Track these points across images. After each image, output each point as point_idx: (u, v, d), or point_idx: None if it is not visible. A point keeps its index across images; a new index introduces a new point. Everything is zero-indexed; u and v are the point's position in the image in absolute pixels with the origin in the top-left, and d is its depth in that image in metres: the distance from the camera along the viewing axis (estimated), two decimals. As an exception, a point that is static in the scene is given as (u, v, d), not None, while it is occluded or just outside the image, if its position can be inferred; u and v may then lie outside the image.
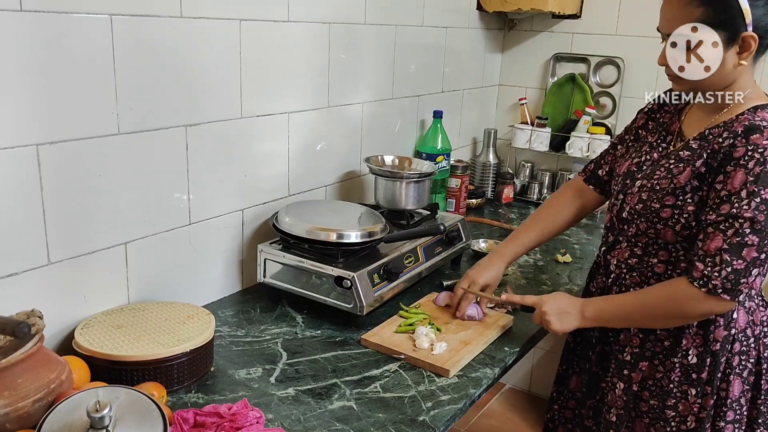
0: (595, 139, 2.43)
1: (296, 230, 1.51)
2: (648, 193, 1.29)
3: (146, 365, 1.16)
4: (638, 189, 1.31)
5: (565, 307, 1.35)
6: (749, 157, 1.15)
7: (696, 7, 1.17)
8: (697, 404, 1.29)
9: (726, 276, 1.16)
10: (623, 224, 1.35)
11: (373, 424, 1.14)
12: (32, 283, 1.19)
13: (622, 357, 1.37)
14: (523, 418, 2.76)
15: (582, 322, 1.34)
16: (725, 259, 1.16)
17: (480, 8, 2.44)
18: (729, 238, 1.16)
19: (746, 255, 1.15)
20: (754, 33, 1.16)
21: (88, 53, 1.19)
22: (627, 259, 1.35)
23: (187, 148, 1.43)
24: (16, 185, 1.13)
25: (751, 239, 1.15)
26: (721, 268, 1.16)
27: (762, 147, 1.15)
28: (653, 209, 1.27)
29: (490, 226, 2.26)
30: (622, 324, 1.36)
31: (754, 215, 1.14)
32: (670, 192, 1.25)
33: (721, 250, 1.16)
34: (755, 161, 1.15)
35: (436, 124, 2.21)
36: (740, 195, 1.15)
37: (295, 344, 1.40)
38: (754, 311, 1.30)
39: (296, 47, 1.66)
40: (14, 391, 0.96)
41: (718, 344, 1.27)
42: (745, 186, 1.15)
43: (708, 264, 1.18)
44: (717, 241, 1.17)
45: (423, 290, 1.66)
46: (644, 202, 1.29)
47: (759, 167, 1.14)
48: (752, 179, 1.14)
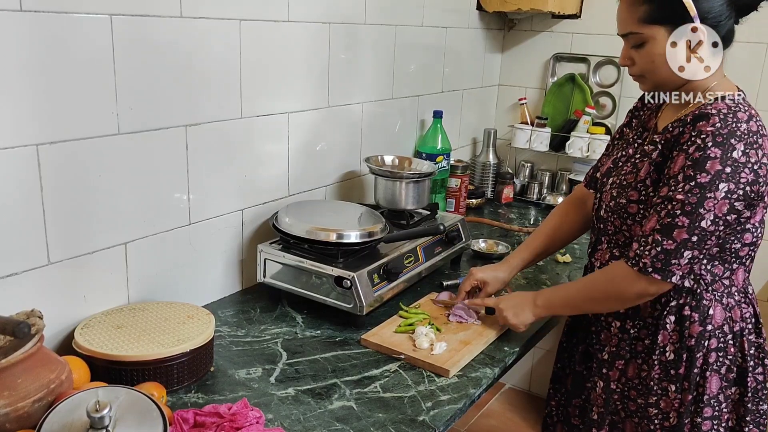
0: (595, 139, 2.44)
1: (296, 230, 1.51)
2: (617, 189, 1.31)
3: (146, 365, 1.16)
4: (610, 186, 1.34)
5: (520, 302, 1.41)
6: (691, 142, 1.17)
7: (640, 5, 1.19)
8: (677, 400, 1.29)
9: (656, 255, 1.18)
10: (601, 223, 1.37)
11: (373, 424, 1.14)
12: (32, 283, 1.19)
13: (601, 356, 1.39)
14: (522, 417, 2.76)
15: (535, 311, 1.39)
16: (656, 239, 1.18)
17: (480, 8, 2.45)
18: (661, 219, 1.18)
19: (676, 236, 1.17)
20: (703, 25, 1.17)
21: (88, 53, 1.19)
22: (608, 260, 1.36)
23: (187, 148, 1.43)
24: (16, 185, 1.13)
25: (681, 221, 1.16)
26: (652, 247, 1.18)
27: (705, 133, 1.16)
28: (621, 205, 1.29)
29: (490, 226, 2.26)
30: (568, 310, 1.44)
31: (686, 197, 1.15)
32: (633, 187, 1.27)
33: (654, 231, 1.19)
34: (696, 146, 1.16)
35: (436, 124, 2.21)
36: (677, 178, 1.17)
37: (295, 344, 1.40)
38: (732, 308, 1.29)
39: (296, 47, 1.66)
40: (14, 391, 0.96)
41: (693, 340, 1.27)
42: (683, 170, 1.17)
43: (642, 243, 1.20)
44: (651, 223, 1.20)
45: (423, 290, 1.67)
46: (615, 198, 1.31)
47: (698, 152, 1.15)
48: (690, 164, 1.16)
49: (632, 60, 1.27)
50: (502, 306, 1.42)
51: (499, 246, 2.00)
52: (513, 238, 2.14)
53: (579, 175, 2.53)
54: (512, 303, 1.42)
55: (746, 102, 1.23)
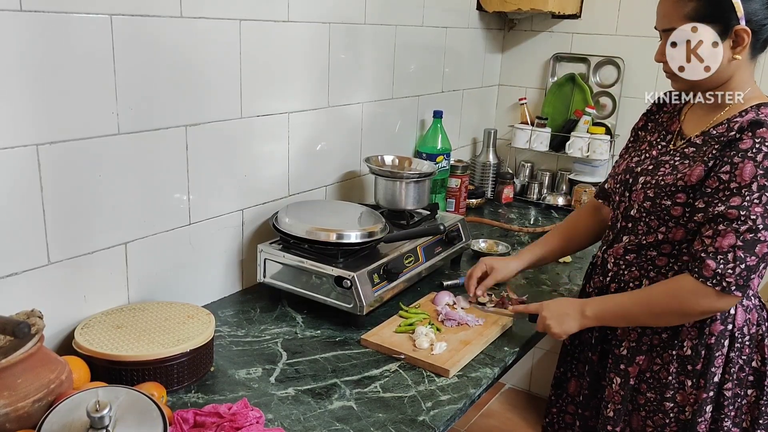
0: (595, 139, 2.44)
1: (296, 230, 1.51)
2: (654, 190, 1.27)
3: (146, 365, 1.16)
4: (642, 186, 1.30)
5: (565, 309, 1.35)
6: (757, 149, 1.15)
7: (688, 1, 1.18)
8: (693, 395, 1.30)
9: (740, 273, 1.15)
10: (629, 222, 1.35)
11: (373, 424, 1.14)
12: (32, 283, 1.19)
13: (618, 352, 1.38)
14: (522, 418, 2.76)
15: (582, 322, 1.33)
16: (739, 256, 1.15)
17: (480, 8, 2.44)
18: (742, 234, 1.15)
19: (759, 251, 1.15)
20: (747, 27, 1.17)
21: (88, 53, 1.19)
22: (624, 255, 1.35)
23: (187, 148, 1.43)
24: (16, 185, 1.13)
25: (764, 235, 1.14)
26: (735, 265, 1.15)
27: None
28: (664, 206, 1.26)
29: (490, 226, 2.26)
30: (622, 323, 1.35)
31: (765, 210, 1.14)
32: (680, 189, 1.24)
33: (735, 247, 1.15)
34: (763, 154, 1.14)
35: (436, 124, 2.21)
36: (751, 188, 1.14)
37: (295, 344, 1.40)
38: (751, 310, 1.30)
39: (296, 47, 1.66)
40: (14, 391, 0.96)
41: (714, 338, 1.27)
42: (756, 179, 1.14)
43: (720, 261, 1.16)
44: (730, 238, 1.16)
45: (423, 290, 1.67)
46: (652, 199, 1.28)
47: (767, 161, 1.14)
48: (762, 173, 1.14)
49: None
50: (545, 314, 1.36)
51: (499, 246, 2.00)
52: (513, 238, 2.14)
53: (579, 175, 2.53)
54: (557, 311, 1.36)
55: None
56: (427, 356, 1.33)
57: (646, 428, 1.36)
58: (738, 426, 1.33)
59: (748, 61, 1.22)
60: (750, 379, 1.33)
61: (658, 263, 1.30)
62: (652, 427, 1.35)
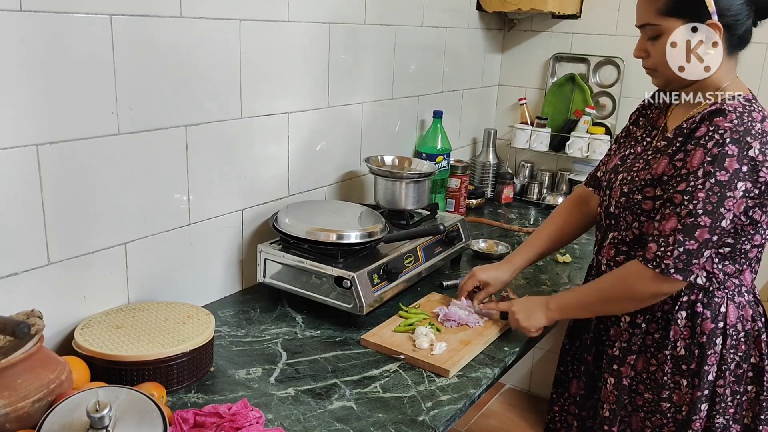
0: (595, 139, 2.44)
1: (296, 230, 1.51)
2: (629, 185, 1.29)
3: (146, 365, 1.16)
4: (620, 182, 1.32)
5: (533, 305, 1.41)
6: (709, 137, 1.16)
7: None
8: (689, 395, 1.30)
9: (678, 256, 1.17)
10: (611, 219, 1.36)
11: (373, 424, 1.14)
12: (32, 283, 1.19)
13: (611, 352, 1.39)
14: (523, 418, 2.76)
15: (548, 315, 1.39)
16: (678, 239, 1.17)
17: (480, 8, 2.45)
18: (683, 218, 1.16)
19: (699, 236, 1.16)
20: (720, 22, 1.17)
21: (88, 53, 1.19)
22: (615, 256, 1.36)
23: (187, 148, 1.43)
24: (16, 185, 1.13)
25: (703, 220, 1.15)
26: (674, 248, 1.17)
27: (723, 129, 1.15)
28: (635, 201, 1.28)
29: (490, 226, 2.26)
30: (582, 313, 1.41)
31: (707, 196, 1.14)
32: (648, 183, 1.25)
33: (675, 231, 1.17)
34: (714, 142, 1.15)
35: (436, 124, 2.21)
36: (697, 174, 1.16)
37: (295, 344, 1.40)
38: (744, 307, 1.30)
39: (296, 47, 1.66)
40: (14, 391, 0.96)
41: (705, 336, 1.28)
42: (702, 165, 1.15)
43: (662, 244, 1.18)
44: (672, 222, 1.18)
45: (423, 290, 1.67)
46: (626, 194, 1.29)
47: (717, 148, 1.14)
48: (709, 159, 1.15)
49: (647, 52, 1.26)
50: (514, 309, 1.42)
51: (499, 246, 2.00)
52: (513, 238, 2.14)
53: (579, 175, 2.53)
54: (524, 306, 1.42)
55: (759, 103, 1.23)
56: (427, 356, 1.33)
57: (645, 429, 1.36)
58: (739, 423, 1.33)
59: (724, 56, 1.22)
60: (749, 375, 1.33)
61: None
62: (651, 427, 1.35)
